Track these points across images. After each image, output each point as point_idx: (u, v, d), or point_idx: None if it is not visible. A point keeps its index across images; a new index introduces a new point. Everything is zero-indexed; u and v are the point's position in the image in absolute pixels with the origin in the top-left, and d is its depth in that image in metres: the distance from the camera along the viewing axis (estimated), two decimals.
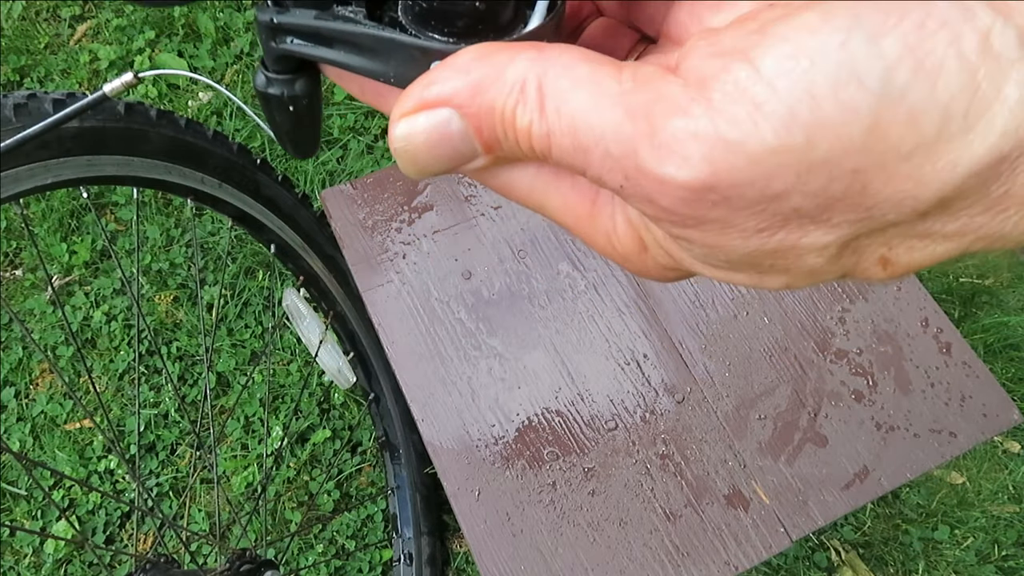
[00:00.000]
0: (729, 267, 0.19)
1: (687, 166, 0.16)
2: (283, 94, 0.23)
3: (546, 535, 0.69)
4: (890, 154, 0.16)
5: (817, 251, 0.18)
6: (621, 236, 0.20)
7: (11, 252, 1.46)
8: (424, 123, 0.19)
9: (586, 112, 0.17)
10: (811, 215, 0.17)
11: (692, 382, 0.75)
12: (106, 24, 1.62)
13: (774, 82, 0.16)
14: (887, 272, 0.19)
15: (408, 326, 0.77)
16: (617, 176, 0.18)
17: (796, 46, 0.16)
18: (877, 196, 0.17)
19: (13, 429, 1.32)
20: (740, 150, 0.16)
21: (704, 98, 0.16)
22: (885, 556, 1.23)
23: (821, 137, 0.16)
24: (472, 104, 0.18)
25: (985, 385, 0.75)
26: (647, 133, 0.17)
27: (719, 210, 0.17)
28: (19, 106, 0.55)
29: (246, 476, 1.26)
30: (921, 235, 0.18)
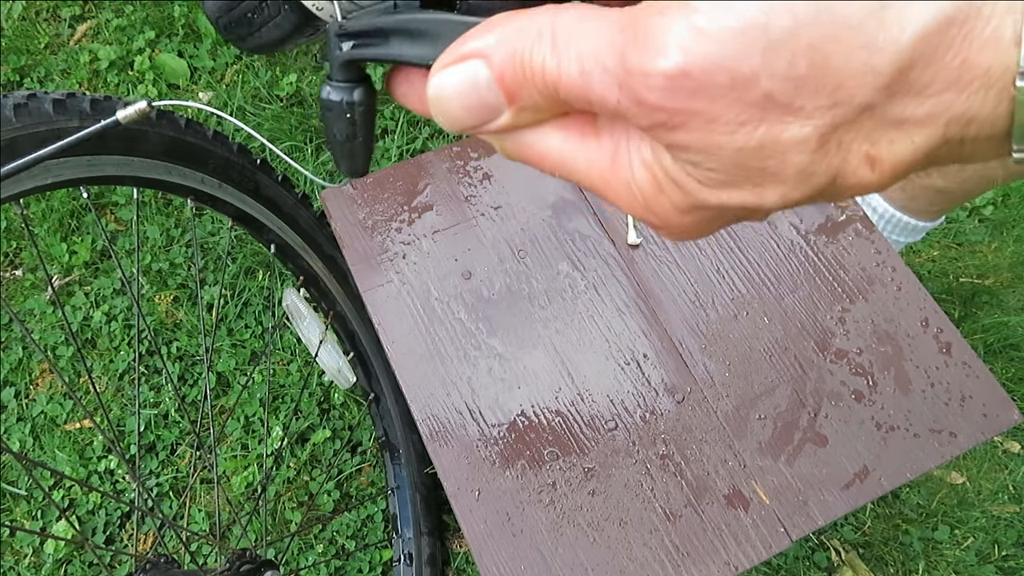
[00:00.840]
0: (727, 180, 0.20)
1: (663, 55, 0.18)
2: (343, 100, 0.26)
3: (546, 535, 0.69)
4: (841, 24, 0.17)
5: (799, 144, 0.19)
6: (639, 180, 0.22)
7: (11, 252, 1.46)
8: (455, 73, 0.22)
9: (588, 38, 0.20)
10: (784, 102, 0.18)
11: (692, 382, 0.75)
12: (106, 24, 1.62)
13: None
14: (876, 172, 0.20)
15: (408, 326, 0.77)
16: (613, 88, 0.20)
17: None
18: (839, 73, 0.18)
19: (13, 429, 1.32)
20: (708, 34, 0.18)
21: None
22: (885, 556, 1.23)
23: (776, 14, 0.17)
24: (497, 52, 0.21)
25: (985, 385, 0.75)
26: (632, 37, 0.19)
27: (699, 99, 0.19)
28: (19, 106, 0.55)
29: (246, 476, 1.26)
30: (896, 122, 0.19)
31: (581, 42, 0.20)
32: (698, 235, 0.24)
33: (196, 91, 1.56)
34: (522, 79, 0.21)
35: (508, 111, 0.22)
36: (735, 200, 0.21)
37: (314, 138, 1.48)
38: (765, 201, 0.21)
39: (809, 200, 0.21)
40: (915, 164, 0.20)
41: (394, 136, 1.48)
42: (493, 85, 0.21)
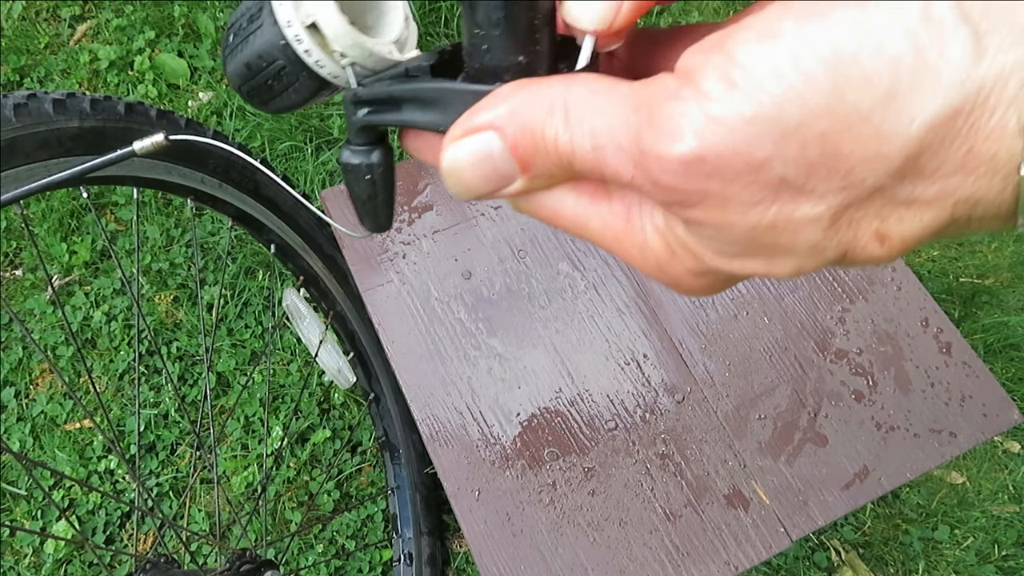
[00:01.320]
0: (741, 252, 0.21)
1: (679, 141, 0.19)
2: (362, 163, 0.27)
3: (546, 535, 0.69)
4: (852, 114, 0.18)
5: (811, 223, 0.20)
6: (652, 244, 0.23)
7: (11, 252, 1.46)
8: (469, 145, 0.22)
9: (601, 115, 0.20)
10: (796, 185, 0.19)
11: (692, 382, 0.75)
12: (106, 24, 1.62)
13: (745, 63, 0.18)
14: (885, 248, 0.20)
15: (408, 326, 0.77)
16: (628, 166, 0.20)
17: (760, 33, 0.19)
18: (850, 158, 0.18)
19: (13, 429, 1.32)
20: (722, 122, 0.18)
21: (691, 83, 0.19)
22: (885, 556, 1.23)
23: (788, 104, 0.18)
24: (510, 124, 0.21)
25: (985, 385, 0.75)
26: (647, 119, 0.20)
27: (714, 182, 0.19)
28: (19, 106, 0.55)
29: (246, 476, 1.26)
30: (905, 202, 0.19)
31: (594, 118, 0.20)
32: (711, 293, 0.24)
33: (196, 91, 1.56)
34: (535, 151, 0.21)
35: (522, 178, 0.22)
36: (748, 269, 0.21)
37: (314, 138, 1.48)
38: (777, 271, 0.21)
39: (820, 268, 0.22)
40: (923, 239, 0.20)
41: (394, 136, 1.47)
42: (507, 155, 0.22)
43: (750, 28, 0.19)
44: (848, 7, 0.18)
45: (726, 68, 0.19)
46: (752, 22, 0.19)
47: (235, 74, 0.27)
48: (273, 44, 0.25)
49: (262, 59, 0.26)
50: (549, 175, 0.22)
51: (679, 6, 1.60)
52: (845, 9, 0.18)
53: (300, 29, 0.24)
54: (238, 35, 0.26)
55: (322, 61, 0.25)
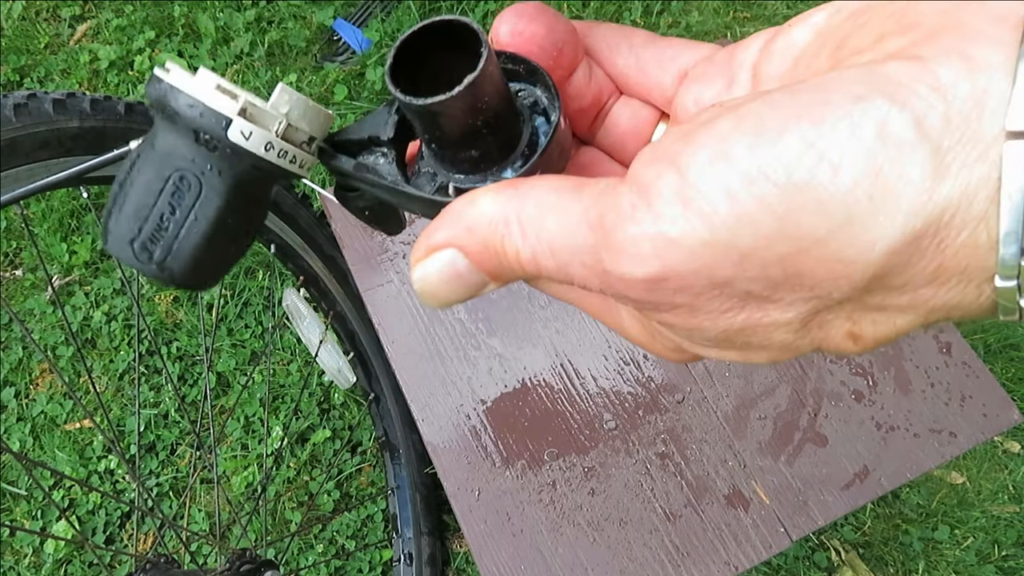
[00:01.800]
0: (715, 346, 0.21)
1: (641, 263, 0.19)
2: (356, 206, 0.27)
3: (546, 535, 0.69)
4: (808, 239, 0.17)
5: (781, 327, 0.20)
6: (630, 328, 0.23)
7: (11, 252, 1.46)
8: (435, 265, 0.23)
9: (558, 233, 0.20)
10: (763, 296, 0.19)
11: (692, 382, 0.75)
12: (106, 24, 1.62)
13: (697, 184, 0.18)
14: (858, 346, 0.20)
15: (408, 326, 0.77)
16: (595, 280, 0.20)
17: (713, 152, 0.18)
18: (814, 277, 0.18)
19: (13, 429, 1.32)
20: (681, 244, 0.18)
21: (645, 203, 0.19)
22: (885, 556, 1.23)
23: (743, 229, 0.18)
24: (469, 243, 0.22)
25: (985, 385, 0.75)
26: (604, 242, 0.20)
27: (681, 296, 0.19)
28: (19, 106, 0.55)
29: (246, 476, 1.26)
30: (876, 308, 0.19)
31: (551, 237, 0.20)
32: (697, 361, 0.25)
33: None
34: (499, 265, 0.22)
35: (494, 284, 0.23)
36: (724, 357, 0.22)
37: None
38: (753, 361, 0.22)
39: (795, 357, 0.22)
40: (899, 337, 0.20)
41: None
42: (475, 270, 0.22)
43: (703, 147, 0.18)
44: (801, 127, 0.17)
45: (680, 188, 0.18)
46: (705, 139, 0.18)
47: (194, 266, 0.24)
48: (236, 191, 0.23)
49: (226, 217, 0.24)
50: (520, 279, 0.23)
51: (679, 6, 1.60)
52: (798, 130, 0.17)
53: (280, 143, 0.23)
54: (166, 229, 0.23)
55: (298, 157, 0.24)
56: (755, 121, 0.18)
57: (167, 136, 0.23)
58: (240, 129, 0.22)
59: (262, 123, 0.23)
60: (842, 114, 0.17)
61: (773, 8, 1.61)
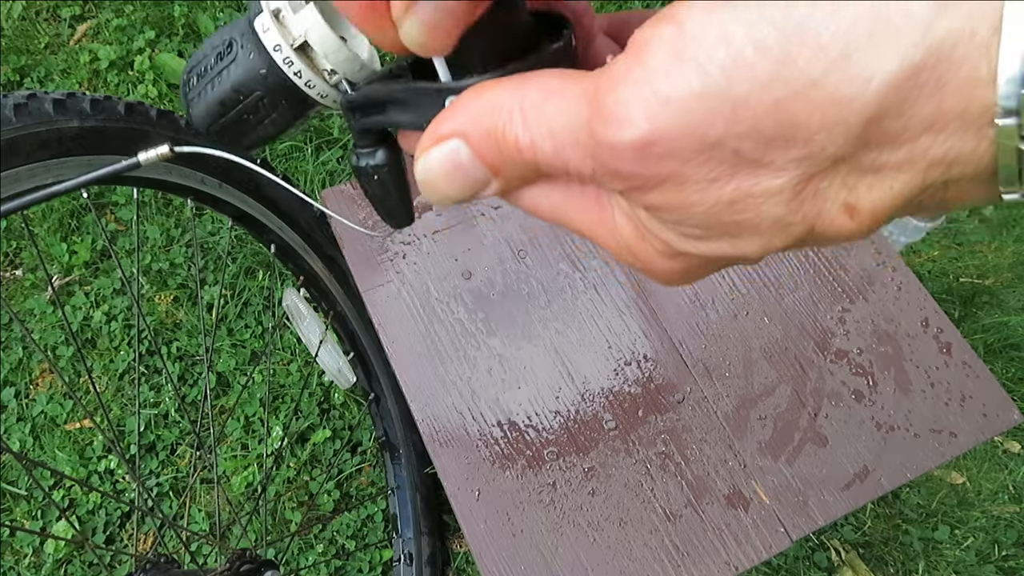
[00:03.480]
0: (705, 234, 0.20)
1: (629, 126, 0.18)
2: (368, 165, 0.27)
3: (546, 535, 0.69)
4: (803, 80, 0.17)
5: (773, 196, 0.19)
6: (622, 229, 0.22)
7: (11, 252, 1.46)
8: (438, 155, 0.22)
9: (557, 114, 0.20)
10: (753, 157, 0.18)
11: (692, 382, 0.75)
12: (106, 24, 1.62)
13: (694, 33, 0.18)
14: (855, 220, 0.19)
15: (408, 326, 0.77)
16: (587, 160, 0.20)
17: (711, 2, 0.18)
18: (808, 127, 0.17)
19: (13, 429, 1.32)
20: (671, 100, 0.18)
21: (639, 62, 0.18)
22: (885, 556, 1.23)
23: (738, 74, 0.17)
24: (473, 131, 0.22)
25: (985, 385, 0.75)
26: (596, 110, 0.19)
27: (669, 163, 0.19)
28: (19, 106, 0.55)
29: (246, 476, 1.26)
30: (872, 168, 0.18)
31: (551, 119, 0.20)
32: (687, 281, 0.24)
33: None
34: (501, 156, 0.22)
35: (495, 180, 0.22)
36: (715, 251, 0.21)
37: (314, 138, 1.48)
38: (744, 251, 0.21)
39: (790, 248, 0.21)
40: (896, 209, 0.19)
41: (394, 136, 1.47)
42: (476, 161, 0.22)
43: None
44: None
45: (675, 41, 0.18)
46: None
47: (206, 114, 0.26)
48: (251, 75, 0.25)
49: (238, 92, 0.25)
50: (521, 176, 0.22)
51: None
52: None
53: (290, 52, 0.24)
54: (204, 76, 0.26)
55: (312, 81, 0.25)
56: None
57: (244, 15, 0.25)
58: (263, 22, 0.24)
59: (283, 28, 0.24)
60: None
61: None
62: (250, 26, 0.25)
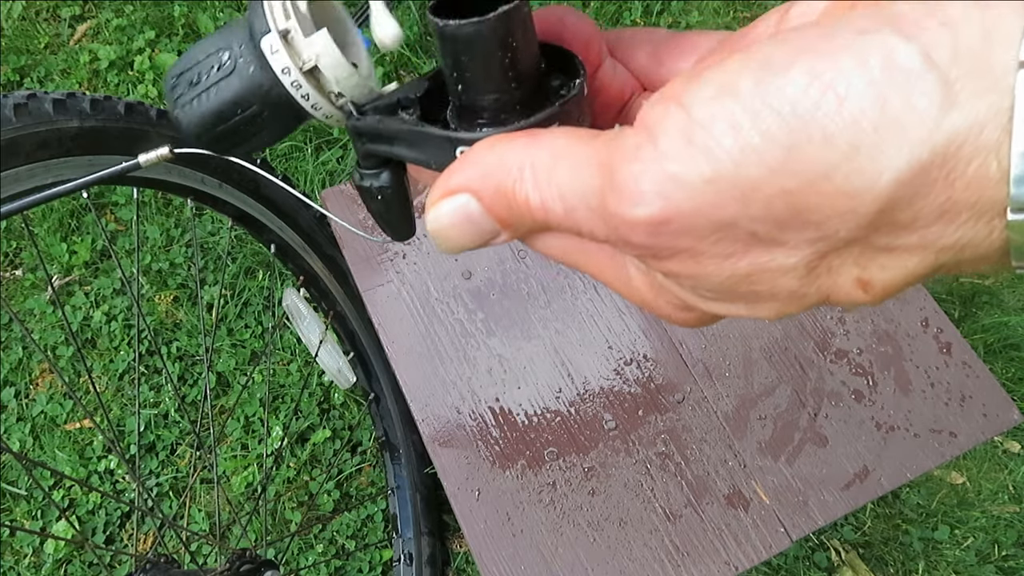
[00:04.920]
0: (721, 298, 0.21)
1: (644, 203, 0.19)
2: (371, 185, 0.28)
3: (546, 535, 0.69)
4: (813, 172, 0.17)
5: (787, 272, 0.19)
6: (636, 283, 0.23)
7: (11, 252, 1.46)
8: (448, 208, 0.23)
9: (568, 178, 0.20)
10: (768, 237, 0.18)
11: (692, 382, 0.75)
12: (106, 24, 1.62)
13: (702, 120, 0.18)
14: (869, 294, 0.20)
15: (408, 326, 0.77)
16: (600, 226, 0.20)
17: (719, 88, 0.18)
18: (820, 212, 0.18)
19: (13, 429, 1.32)
20: (683, 182, 0.18)
21: (650, 142, 0.19)
22: (885, 556, 1.23)
23: (747, 163, 0.17)
24: (483, 188, 0.22)
25: (985, 385, 0.75)
26: (609, 183, 0.19)
27: (684, 239, 0.19)
28: (19, 106, 0.55)
29: (246, 476, 1.26)
30: (885, 250, 0.18)
31: (561, 182, 0.21)
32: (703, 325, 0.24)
33: None
34: (511, 212, 0.22)
35: (505, 232, 0.23)
36: (731, 311, 0.21)
37: (314, 138, 1.48)
38: (760, 314, 0.21)
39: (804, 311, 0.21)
40: (910, 284, 0.19)
41: None
42: (486, 216, 0.22)
43: (709, 82, 0.18)
44: (807, 59, 0.17)
45: (684, 126, 0.18)
46: (712, 75, 0.18)
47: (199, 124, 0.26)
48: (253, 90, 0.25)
49: (237, 106, 0.25)
50: (531, 229, 0.23)
51: (679, 6, 1.60)
52: (804, 62, 0.17)
53: (298, 75, 0.24)
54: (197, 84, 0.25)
55: (319, 104, 0.25)
56: (762, 58, 0.18)
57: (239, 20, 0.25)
58: (271, 43, 0.24)
59: (293, 50, 0.24)
60: (848, 45, 0.17)
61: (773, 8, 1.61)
62: (251, 39, 0.24)
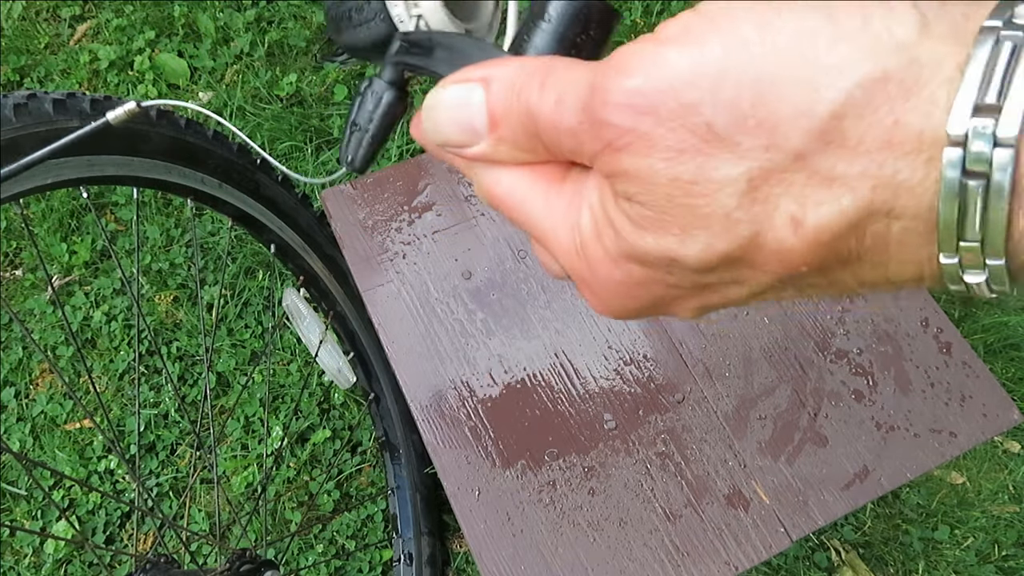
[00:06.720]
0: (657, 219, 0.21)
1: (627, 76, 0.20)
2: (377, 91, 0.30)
3: (546, 535, 0.69)
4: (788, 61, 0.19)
5: (728, 185, 0.20)
6: (583, 223, 0.24)
7: (11, 252, 1.46)
8: (454, 88, 0.24)
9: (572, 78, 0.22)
10: (722, 135, 0.19)
11: (692, 382, 0.75)
12: (106, 24, 1.62)
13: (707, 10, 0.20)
14: (798, 235, 0.20)
15: (408, 326, 0.77)
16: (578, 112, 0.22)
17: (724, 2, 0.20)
18: (777, 113, 0.19)
19: (13, 429, 1.32)
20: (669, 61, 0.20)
21: (653, 34, 0.21)
22: (885, 556, 1.23)
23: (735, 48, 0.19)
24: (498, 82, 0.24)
25: (985, 385, 0.75)
26: (605, 64, 0.21)
27: (645, 120, 0.20)
28: (19, 106, 0.55)
29: (246, 476, 1.26)
30: (827, 179, 0.19)
31: (566, 82, 0.22)
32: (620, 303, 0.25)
33: (196, 91, 1.56)
34: (507, 110, 0.23)
35: (488, 139, 0.24)
36: (661, 245, 0.22)
37: (314, 138, 1.48)
38: (688, 250, 0.21)
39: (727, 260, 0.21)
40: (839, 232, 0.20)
41: (394, 136, 1.48)
42: (482, 109, 0.24)
43: None
44: None
45: (687, 18, 0.20)
46: None
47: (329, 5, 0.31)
48: None
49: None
50: (513, 141, 0.24)
51: (679, 6, 1.60)
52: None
53: None
54: None
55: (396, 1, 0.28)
56: None
57: None
58: None
59: None
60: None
61: None
62: None
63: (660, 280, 0.23)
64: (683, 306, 0.25)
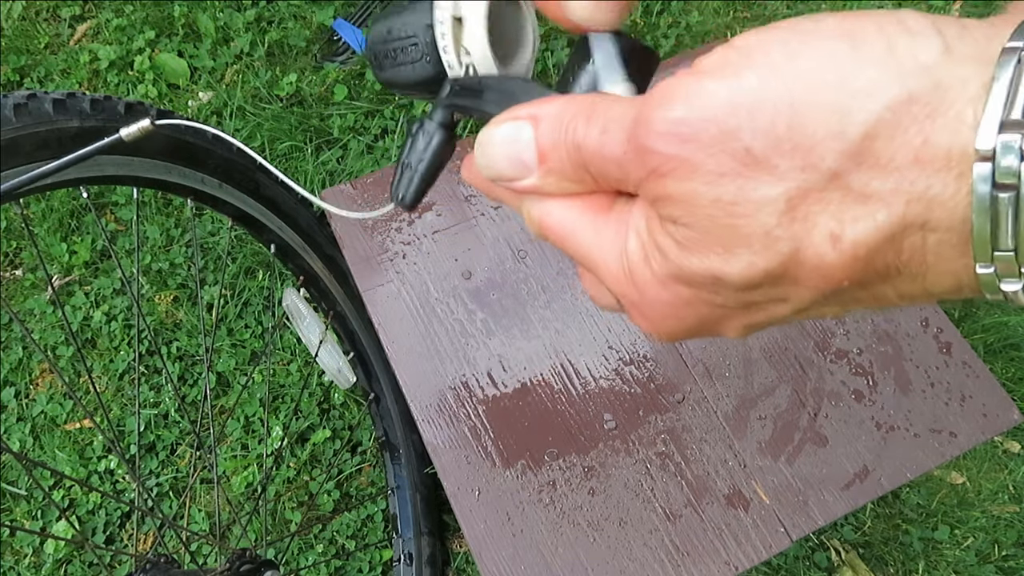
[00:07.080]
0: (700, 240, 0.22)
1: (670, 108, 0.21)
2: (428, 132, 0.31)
3: (546, 535, 0.69)
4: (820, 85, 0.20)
5: (768, 205, 0.21)
6: (631, 249, 0.25)
7: (11, 252, 1.46)
8: (506, 126, 0.26)
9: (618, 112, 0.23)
10: (760, 159, 0.20)
11: (692, 382, 0.75)
12: (106, 24, 1.62)
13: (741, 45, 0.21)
14: (837, 250, 0.21)
15: (408, 326, 0.77)
16: (622, 141, 0.23)
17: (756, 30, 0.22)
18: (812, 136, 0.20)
19: (13, 429, 1.32)
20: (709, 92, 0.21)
21: (690, 68, 0.22)
22: (885, 556, 1.23)
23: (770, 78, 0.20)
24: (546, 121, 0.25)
25: (985, 385, 0.75)
26: (647, 97, 0.22)
27: (688, 147, 0.21)
28: (19, 106, 0.55)
29: (246, 476, 1.26)
30: (862, 196, 0.20)
31: (610, 114, 0.23)
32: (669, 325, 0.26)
33: (196, 91, 1.56)
34: (554, 144, 0.24)
35: (537, 172, 0.25)
36: (705, 265, 0.22)
37: (314, 138, 1.48)
38: (731, 268, 0.22)
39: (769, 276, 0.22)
40: (876, 245, 0.21)
41: (394, 136, 1.48)
42: (531, 144, 0.25)
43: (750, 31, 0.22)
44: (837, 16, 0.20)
45: (724, 51, 0.21)
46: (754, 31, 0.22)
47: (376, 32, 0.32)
48: (419, 23, 0.30)
49: (403, 29, 0.31)
50: (560, 172, 0.25)
51: (679, 6, 1.60)
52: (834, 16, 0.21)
53: (448, 17, 0.29)
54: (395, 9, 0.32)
55: (448, 48, 0.30)
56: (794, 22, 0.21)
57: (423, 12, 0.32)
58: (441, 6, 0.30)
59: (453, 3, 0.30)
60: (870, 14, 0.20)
61: (773, 8, 1.61)
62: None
63: (707, 300, 0.24)
64: (730, 325, 0.25)
